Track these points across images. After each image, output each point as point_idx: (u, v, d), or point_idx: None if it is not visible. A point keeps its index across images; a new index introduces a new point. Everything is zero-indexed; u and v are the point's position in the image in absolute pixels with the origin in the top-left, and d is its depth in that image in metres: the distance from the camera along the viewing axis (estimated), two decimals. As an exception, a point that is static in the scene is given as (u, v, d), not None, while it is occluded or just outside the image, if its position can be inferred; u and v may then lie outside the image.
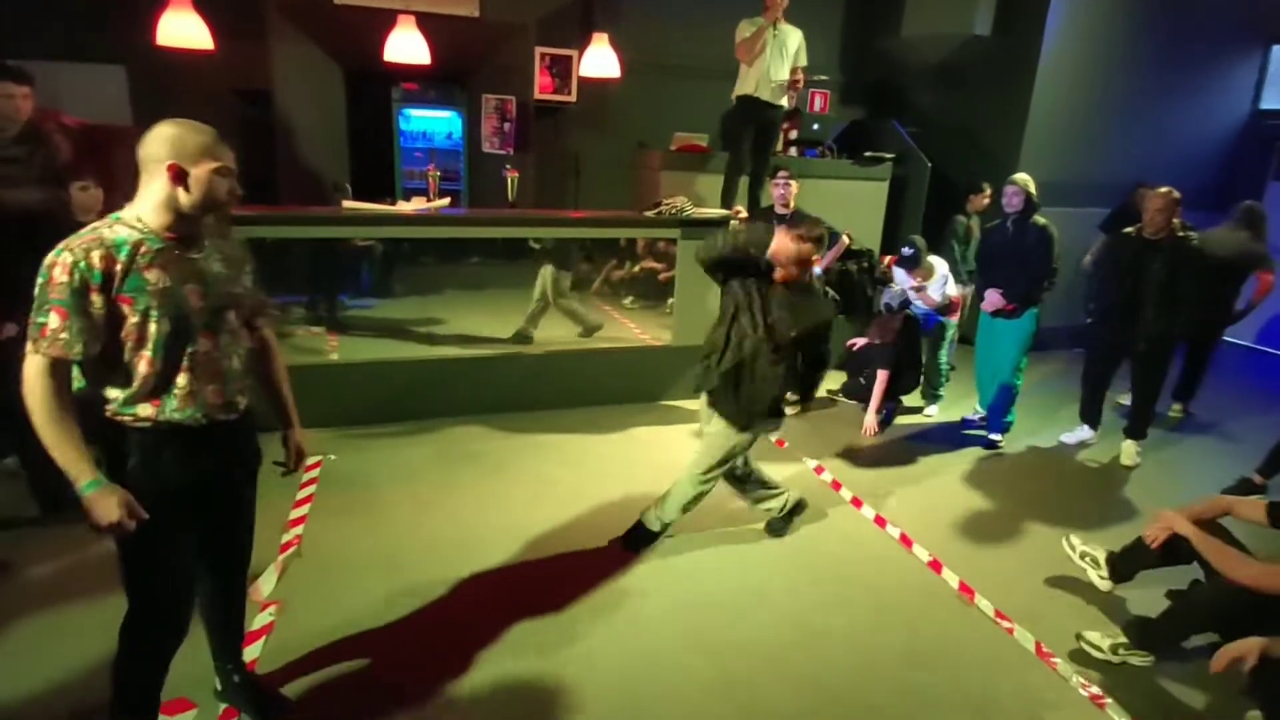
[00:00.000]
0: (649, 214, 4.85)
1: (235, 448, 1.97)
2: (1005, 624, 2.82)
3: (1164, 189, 4.05)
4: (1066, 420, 4.85)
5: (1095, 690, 2.48)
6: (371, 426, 4.30)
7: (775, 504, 3.29)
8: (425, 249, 7.17)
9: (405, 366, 4.59)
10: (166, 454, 1.76)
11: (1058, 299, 4.95)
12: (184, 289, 1.73)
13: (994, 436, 4.63)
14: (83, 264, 1.62)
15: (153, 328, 1.69)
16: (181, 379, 1.75)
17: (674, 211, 4.77)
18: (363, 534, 3.21)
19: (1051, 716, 2.37)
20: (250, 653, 2.43)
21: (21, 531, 3.06)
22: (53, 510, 3.17)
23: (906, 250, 4.72)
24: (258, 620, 2.59)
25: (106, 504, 1.67)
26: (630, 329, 5.98)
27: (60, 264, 1.62)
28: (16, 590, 2.73)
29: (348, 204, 4.51)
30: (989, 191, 5.85)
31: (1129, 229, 4.29)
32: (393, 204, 4.74)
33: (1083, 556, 3.11)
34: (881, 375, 4.65)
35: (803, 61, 5.19)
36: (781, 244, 2.81)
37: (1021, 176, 4.40)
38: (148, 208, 1.72)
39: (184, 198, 1.72)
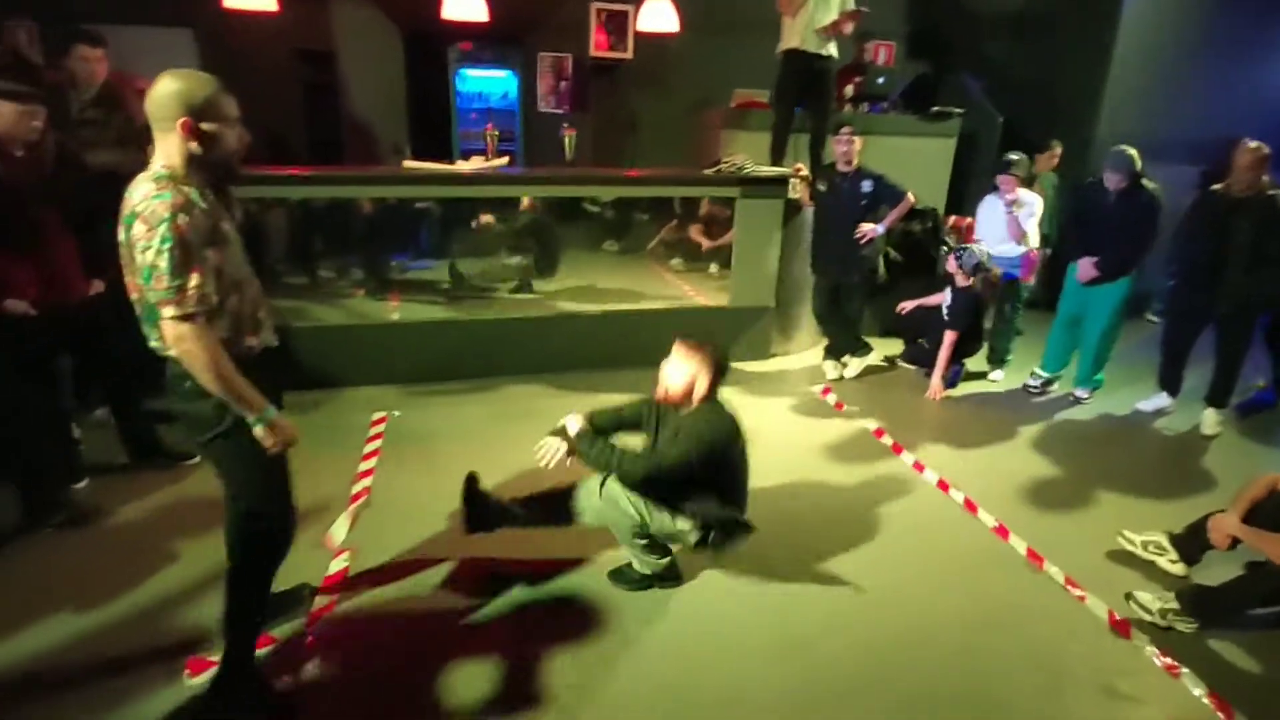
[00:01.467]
0: (708, 172, 4.77)
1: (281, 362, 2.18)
2: (1076, 591, 2.75)
3: (1254, 144, 3.81)
4: (1144, 388, 4.64)
5: (1169, 660, 2.41)
6: (432, 384, 4.40)
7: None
8: (483, 210, 7.22)
9: (463, 326, 4.67)
10: (252, 376, 1.89)
11: (1144, 265, 4.72)
12: (233, 234, 1.90)
13: (1080, 393, 4.49)
14: (192, 224, 1.73)
15: (225, 269, 1.85)
16: (261, 313, 1.99)
17: (734, 169, 4.68)
18: (426, 486, 3.30)
19: (1124, 684, 2.31)
20: (327, 597, 2.54)
21: (114, 478, 3.24)
22: (142, 458, 3.35)
23: (1012, 155, 4.61)
24: (332, 565, 2.70)
25: (284, 424, 1.93)
26: (684, 290, 5.94)
27: (176, 227, 1.70)
28: (113, 531, 2.90)
29: (408, 163, 4.56)
30: (1058, 150, 5.55)
31: (1216, 186, 4.04)
32: (451, 164, 4.76)
33: (1145, 546, 2.96)
34: (950, 336, 4.51)
35: (849, 5, 4.94)
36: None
37: (1129, 152, 4.14)
38: (178, 165, 1.79)
39: (201, 151, 1.79)
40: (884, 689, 2.27)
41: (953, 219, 5.95)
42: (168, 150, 1.79)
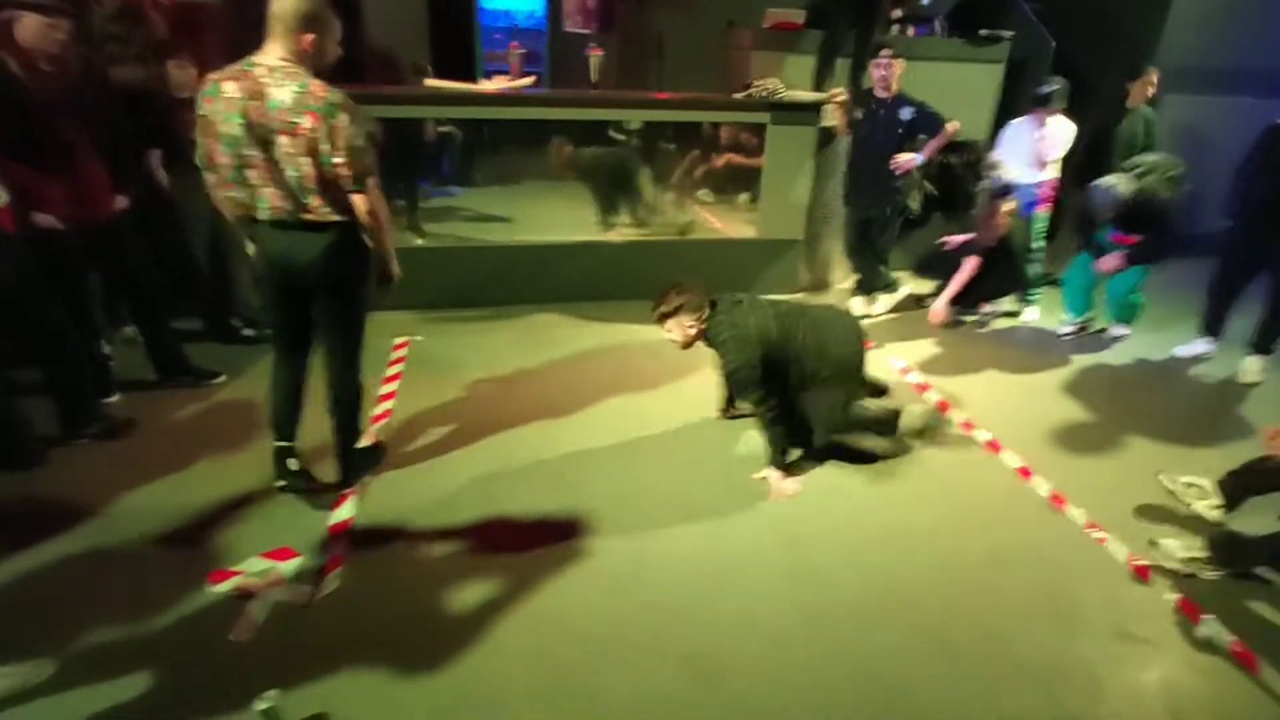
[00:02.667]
0: (738, 96, 4.57)
1: None
2: (1097, 534, 2.71)
3: None
4: (1182, 332, 4.48)
5: (1191, 607, 2.37)
6: (455, 310, 4.39)
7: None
8: (506, 135, 7.04)
9: (487, 252, 4.62)
10: None
11: (1198, 204, 4.49)
12: None
13: (1117, 330, 4.41)
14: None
15: None
16: None
17: (765, 94, 4.48)
18: (450, 412, 3.33)
19: (1141, 629, 2.29)
20: (349, 510, 2.61)
21: (144, 394, 3.31)
22: (170, 375, 3.41)
23: (1041, 88, 4.42)
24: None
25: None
26: (712, 222, 5.79)
27: (361, 114, 2.20)
28: (144, 444, 2.98)
29: (430, 82, 4.43)
30: (1154, 77, 5.12)
31: None
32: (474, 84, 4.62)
33: (1189, 488, 2.90)
34: (971, 262, 4.37)
35: None
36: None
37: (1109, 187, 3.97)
38: (305, 68, 2.18)
39: (317, 62, 2.21)
40: (896, 620, 2.28)
41: (994, 152, 5.67)
42: (293, 53, 2.16)
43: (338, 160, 2.17)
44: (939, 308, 4.51)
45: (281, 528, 2.50)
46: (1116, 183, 3.97)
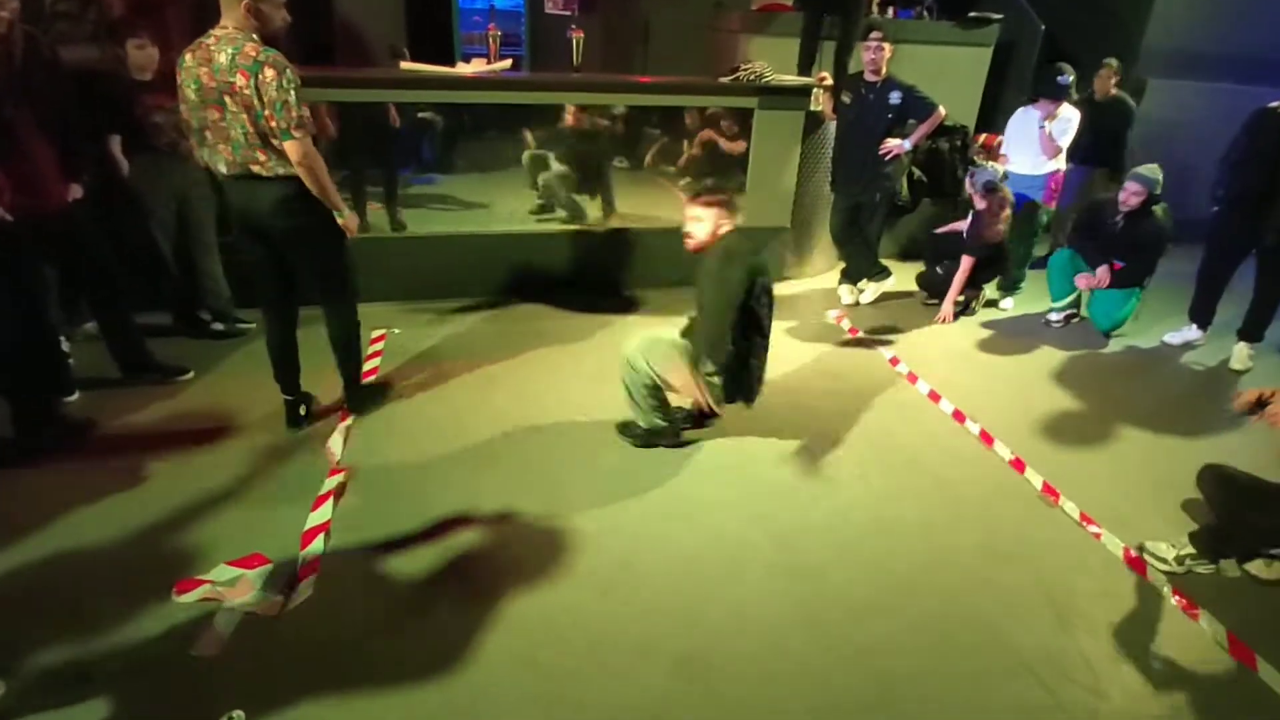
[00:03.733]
0: (725, 80, 4.46)
1: None
2: (1091, 528, 2.66)
3: None
4: (1173, 321, 4.45)
5: (1187, 601, 2.33)
6: (434, 301, 4.27)
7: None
8: (486, 121, 6.87)
9: (467, 241, 4.48)
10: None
11: (1183, 190, 4.46)
12: None
13: (1109, 335, 4.41)
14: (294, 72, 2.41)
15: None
16: None
17: (752, 78, 4.37)
18: (429, 407, 3.22)
19: (1137, 623, 2.24)
20: (322, 515, 2.49)
21: (106, 393, 3.16)
22: (133, 373, 3.26)
23: (1062, 78, 4.32)
24: (326, 484, 2.64)
25: (354, 218, 2.74)
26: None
27: (289, 68, 2.38)
28: (105, 447, 2.84)
29: (406, 65, 4.27)
30: (1115, 65, 5.13)
31: (1274, 104, 3.73)
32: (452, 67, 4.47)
33: (1179, 561, 2.48)
34: (967, 262, 4.32)
35: None
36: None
37: (1150, 173, 4.02)
38: (248, 34, 2.38)
39: (258, 25, 2.40)
40: (891, 615, 2.23)
41: (983, 137, 5.61)
42: (238, 21, 2.37)
43: (267, 113, 2.38)
44: (946, 309, 4.45)
45: (252, 533, 2.39)
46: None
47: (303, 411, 3.00)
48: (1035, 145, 4.48)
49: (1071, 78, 4.32)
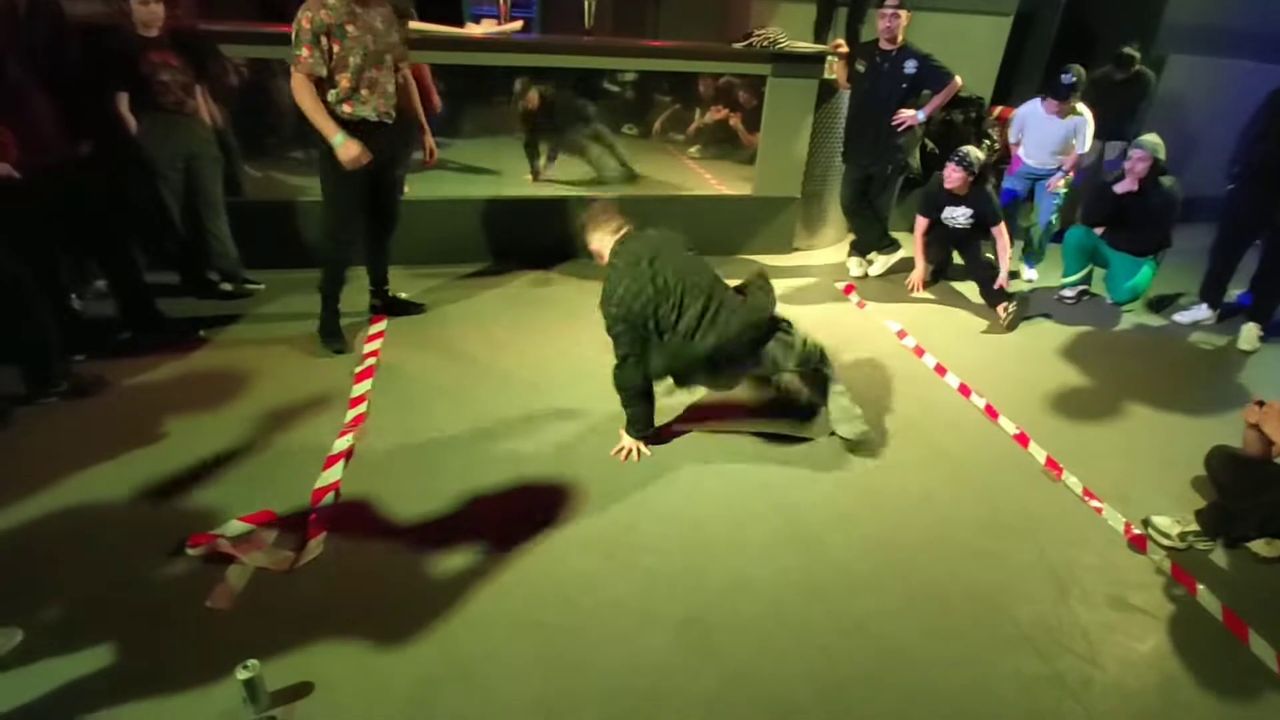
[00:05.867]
0: (738, 46, 4.38)
1: (391, 140, 3.13)
2: (1094, 503, 2.68)
3: None
4: (1184, 299, 4.43)
5: (1186, 577, 2.36)
6: (441, 266, 4.26)
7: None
8: (495, 85, 6.78)
9: (474, 206, 4.45)
10: (357, 134, 2.93)
11: (1199, 166, 4.40)
12: (365, 37, 2.87)
13: (1125, 308, 4.41)
14: (317, 18, 2.75)
15: (350, 60, 2.85)
16: (363, 92, 2.95)
17: (766, 44, 4.30)
18: (437, 368, 3.23)
19: (1136, 598, 2.27)
20: (332, 475, 2.51)
21: (116, 354, 3.17)
22: (144, 331, 3.28)
23: (1066, 77, 4.23)
24: (336, 445, 2.66)
25: (350, 146, 2.89)
26: (705, 178, 5.63)
27: (304, 17, 2.74)
28: (115, 404, 2.87)
29: (414, 25, 4.20)
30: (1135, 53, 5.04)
31: None
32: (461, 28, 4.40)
33: (1182, 538, 2.49)
34: (921, 222, 4.34)
35: None
36: None
37: (1152, 140, 4.01)
38: None
39: None
40: (890, 584, 2.26)
41: (999, 109, 5.52)
42: None
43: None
44: (1003, 279, 4.23)
45: (263, 491, 2.42)
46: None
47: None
48: (1049, 142, 4.44)
49: (1073, 79, 4.22)
